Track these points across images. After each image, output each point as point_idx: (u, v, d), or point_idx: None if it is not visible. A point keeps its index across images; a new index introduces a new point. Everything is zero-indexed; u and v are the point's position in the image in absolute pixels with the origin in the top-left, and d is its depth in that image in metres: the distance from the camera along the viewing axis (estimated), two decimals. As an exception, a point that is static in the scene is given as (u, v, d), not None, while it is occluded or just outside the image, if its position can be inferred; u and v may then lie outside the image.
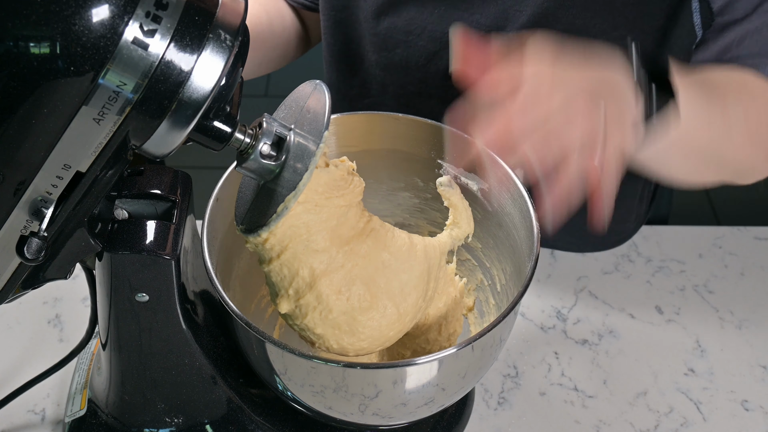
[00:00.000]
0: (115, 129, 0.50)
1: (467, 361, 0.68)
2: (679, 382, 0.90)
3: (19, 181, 0.51)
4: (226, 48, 0.50)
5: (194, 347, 0.72)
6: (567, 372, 0.91)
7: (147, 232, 0.66)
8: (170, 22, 0.48)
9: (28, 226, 0.54)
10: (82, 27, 0.45)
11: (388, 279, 0.68)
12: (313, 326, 0.66)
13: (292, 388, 0.70)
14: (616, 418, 0.87)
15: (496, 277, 0.81)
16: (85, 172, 0.52)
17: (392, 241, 0.70)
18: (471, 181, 0.78)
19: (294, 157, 0.59)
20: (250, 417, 0.78)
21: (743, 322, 0.97)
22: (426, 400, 0.70)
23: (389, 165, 0.83)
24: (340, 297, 0.65)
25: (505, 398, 0.89)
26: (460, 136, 0.77)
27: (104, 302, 0.69)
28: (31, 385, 0.78)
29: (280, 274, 0.65)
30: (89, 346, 0.86)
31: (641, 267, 1.03)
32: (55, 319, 0.95)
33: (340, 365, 0.64)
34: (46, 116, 0.48)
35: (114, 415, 0.78)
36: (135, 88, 0.48)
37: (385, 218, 0.87)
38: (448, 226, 0.79)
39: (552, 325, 0.96)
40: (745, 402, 0.89)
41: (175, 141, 0.52)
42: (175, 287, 0.67)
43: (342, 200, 0.65)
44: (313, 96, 0.62)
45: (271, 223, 0.60)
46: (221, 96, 0.53)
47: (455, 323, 0.82)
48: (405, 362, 0.65)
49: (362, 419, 0.71)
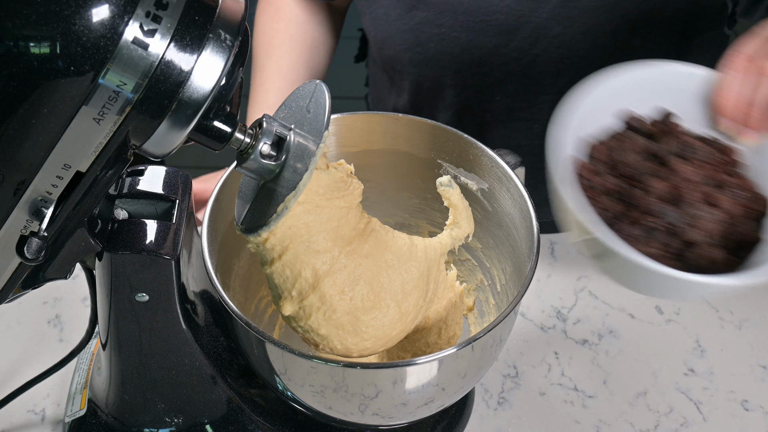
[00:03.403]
0: (115, 129, 0.50)
1: (467, 361, 0.68)
2: (679, 382, 0.90)
3: (19, 181, 0.51)
4: (226, 48, 0.50)
5: (194, 347, 0.72)
6: (567, 372, 0.91)
7: (147, 232, 0.66)
8: (170, 21, 0.48)
9: (28, 226, 0.54)
10: (82, 27, 0.45)
11: (391, 279, 0.68)
12: (317, 327, 0.66)
13: (292, 388, 0.70)
14: (616, 418, 0.87)
15: (496, 277, 0.81)
16: (85, 172, 0.52)
17: (393, 241, 0.70)
18: (471, 181, 0.78)
19: (294, 157, 0.59)
20: (250, 417, 0.78)
21: (743, 322, 0.97)
22: (426, 400, 0.70)
23: (389, 165, 0.83)
24: (343, 297, 0.65)
25: (505, 398, 0.89)
26: (460, 136, 0.77)
27: (104, 302, 0.69)
28: (31, 385, 0.78)
29: (283, 275, 0.65)
30: (89, 346, 0.86)
31: (641, 267, 1.03)
32: (55, 319, 0.95)
33: (340, 365, 0.64)
34: (46, 116, 0.48)
35: (114, 415, 0.78)
36: (135, 87, 0.48)
37: (385, 218, 0.87)
38: (448, 226, 0.79)
39: (552, 325, 0.96)
40: (745, 402, 0.89)
41: (175, 141, 0.52)
42: (175, 287, 0.67)
43: (342, 201, 0.65)
44: (313, 96, 0.62)
45: (271, 222, 0.60)
46: (221, 96, 0.53)
47: (455, 326, 0.82)
48: (405, 362, 0.65)
49: (362, 419, 0.71)
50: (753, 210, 0.63)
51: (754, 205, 0.63)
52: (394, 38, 1.02)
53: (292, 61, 1.09)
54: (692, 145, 0.65)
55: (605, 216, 0.62)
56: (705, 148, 0.65)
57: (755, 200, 0.64)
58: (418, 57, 1.02)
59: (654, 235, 0.60)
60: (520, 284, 0.70)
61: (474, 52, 0.99)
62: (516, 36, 0.96)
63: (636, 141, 0.66)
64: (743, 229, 0.62)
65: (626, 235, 0.60)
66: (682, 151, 0.65)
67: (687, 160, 0.64)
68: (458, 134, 0.77)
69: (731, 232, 0.61)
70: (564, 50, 0.98)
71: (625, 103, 0.68)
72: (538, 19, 0.94)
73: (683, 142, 0.65)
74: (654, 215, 0.61)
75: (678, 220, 0.60)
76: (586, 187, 0.63)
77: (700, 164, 0.64)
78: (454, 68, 1.01)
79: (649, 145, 0.65)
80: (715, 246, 0.61)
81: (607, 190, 0.63)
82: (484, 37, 0.97)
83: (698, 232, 0.60)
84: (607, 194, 0.63)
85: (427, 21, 0.98)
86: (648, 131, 0.67)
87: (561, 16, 0.94)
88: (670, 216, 0.60)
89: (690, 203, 0.61)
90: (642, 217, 0.61)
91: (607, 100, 0.67)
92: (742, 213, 0.63)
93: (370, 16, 1.04)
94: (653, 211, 0.61)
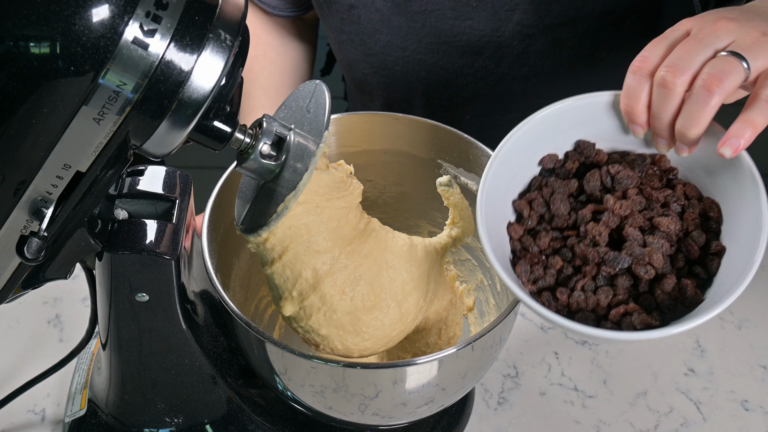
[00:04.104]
0: (115, 129, 0.50)
1: (467, 361, 0.68)
2: (679, 382, 0.90)
3: (19, 181, 0.51)
4: (226, 48, 0.50)
5: (194, 347, 0.72)
6: (567, 372, 0.91)
7: (147, 232, 0.66)
8: (170, 21, 0.48)
9: (28, 226, 0.54)
10: (82, 27, 0.45)
11: (391, 279, 0.68)
12: (318, 327, 0.66)
13: (292, 388, 0.70)
14: (616, 418, 0.87)
15: (496, 277, 0.81)
16: (85, 172, 0.52)
17: (393, 241, 0.70)
18: (471, 181, 0.78)
19: (294, 157, 0.59)
20: (250, 417, 0.78)
21: (743, 322, 0.97)
22: (426, 400, 0.70)
23: (389, 165, 0.83)
24: (344, 297, 0.65)
25: (505, 398, 0.89)
26: (460, 136, 0.77)
27: (104, 302, 0.69)
28: (31, 385, 0.78)
29: (283, 275, 0.65)
30: (89, 346, 0.86)
31: (641, 267, 1.03)
32: (55, 319, 0.95)
33: (340, 365, 0.64)
34: (46, 116, 0.48)
35: (114, 415, 0.78)
36: (135, 87, 0.48)
37: (385, 218, 0.87)
38: (448, 226, 0.79)
39: (552, 325, 0.96)
40: (745, 402, 0.89)
41: (175, 141, 0.52)
42: (175, 287, 0.67)
43: (342, 201, 0.65)
44: (313, 96, 0.62)
45: (271, 222, 0.60)
46: (221, 96, 0.53)
47: (455, 327, 0.82)
48: (405, 362, 0.65)
49: (362, 419, 0.71)
50: (707, 217, 0.62)
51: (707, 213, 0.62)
52: (360, 62, 1.03)
53: (276, 84, 1.09)
54: (617, 174, 0.62)
55: (560, 277, 0.62)
56: (630, 174, 0.62)
57: (705, 206, 0.62)
58: (385, 80, 1.02)
59: (618, 283, 0.60)
60: (520, 284, 0.70)
61: (440, 74, 0.99)
62: (480, 56, 0.96)
63: (563, 186, 0.64)
64: (700, 241, 0.60)
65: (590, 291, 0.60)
66: (614, 184, 0.63)
67: (617, 192, 0.63)
68: (458, 134, 0.77)
69: (689, 250, 0.60)
70: (529, 68, 0.97)
71: (544, 148, 0.65)
72: (501, 38, 0.94)
73: (609, 173, 0.63)
74: (608, 265, 0.60)
75: (633, 262, 0.59)
76: (530, 255, 0.62)
77: (634, 191, 0.62)
78: (422, 89, 1.01)
79: (578, 185, 0.64)
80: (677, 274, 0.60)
81: (554, 249, 0.63)
82: (449, 59, 0.97)
83: (657, 267, 0.59)
84: (556, 252, 0.63)
85: (391, 44, 0.98)
86: (568, 170, 0.65)
87: (522, 34, 0.94)
88: (623, 261, 0.59)
89: (634, 240, 0.60)
90: (599, 270, 0.60)
91: (523, 150, 0.64)
92: (694, 225, 0.61)
93: (336, 41, 1.04)
94: (607, 261, 0.60)
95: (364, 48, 1.00)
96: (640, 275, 0.59)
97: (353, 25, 0.98)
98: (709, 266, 0.60)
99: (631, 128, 0.63)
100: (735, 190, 0.60)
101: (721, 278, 0.59)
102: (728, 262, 0.60)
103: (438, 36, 0.95)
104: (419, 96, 1.02)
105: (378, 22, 0.96)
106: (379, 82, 1.03)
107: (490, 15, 0.92)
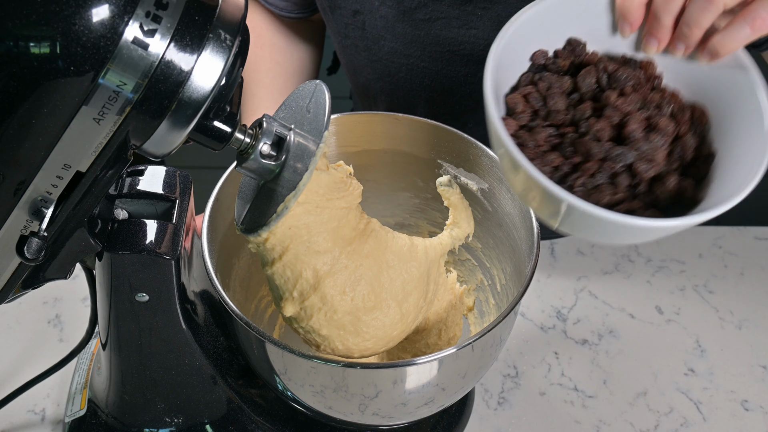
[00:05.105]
0: (115, 129, 0.50)
1: (467, 361, 0.68)
2: (679, 382, 0.90)
3: (19, 181, 0.51)
4: (226, 48, 0.50)
5: (194, 347, 0.72)
6: (567, 372, 0.91)
7: (147, 232, 0.66)
8: (170, 21, 0.48)
9: (28, 225, 0.54)
10: (82, 27, 0.45)
11: (392, 279, 0.68)
12: (319, 327, 0.66)
13: (292, 388, 0.70)
14: (616, 418, 0.87)
15: (496, 277, 0.81)
16: (85, 172, 0.52)
17: (393, 241, 0.70)
18: (471, 181, 0.78)
19: (294, 157, 0.59)
20: (250, 417, 0.78)
21: (743, 322, 0.97)
22: (426, 400, 0.70)
23: (389, 165, 0.83)
24: (344, 297, 0.65)
25: (505, 398, 0.89)
26: (460, 136, 0.77)
27: (104, 302, 0.69)
28: (31, 385, 0.78)
29: (284, 276, 0.65)
30: (89, 346, 0.86)
31: (641, 267, 1.03)
32: (55, 319, 0.95)
33: (340, 365, 0.64)
34: (46, 116, 0.48)
35: (114, 415, 0.78)
36: (135, 87, 0.48)
37: (385, 218, 0.87)
38: (448, 226, 0.80)
39: (552, 325, 0.96)
40: (745, 402, 0.89)
41: (175, 141, 0.52)
42: (175, 287, 0.67)
43: (342, 202, 0.65)
44: (313, 96, 0.62)
45: (271, 222, 0.60)
46: (221, 96, 0.53)
47: (455, 327, 0.82)
48: (405, 362, 0.65)
49: (362, 419, 0.71)
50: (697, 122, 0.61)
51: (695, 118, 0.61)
52: (364, 68, 1.02)
53: (281, 86, 1.09)
54: (615, 72, 0.60)
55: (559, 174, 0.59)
56: (626, 71, 0.60)
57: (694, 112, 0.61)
58: (389, 86, 1.02)
59: (618, 181, 0.58)
60: (520, 284, 0.70)
61: (444, 81, 0.98)
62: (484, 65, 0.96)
63: (558, 82, 0.61)
64: (692, 144, 0.59)
65: (590, 189, 0.58)
66: (610, 82, 0.61)
67: (616, 90, 0.61)
68: (458, 134, 0.77)
69: (683, 154, 0.59)
70: None
71: (535, 44, 0.62)
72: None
73: (605, 71, 0.61)
74: (612, 161, 0.57)
75: (637, 158, 0.57)
76: (527, 149, 0.59)
77: (631, 89, 0.60)
78: (426, 96, 1.01)
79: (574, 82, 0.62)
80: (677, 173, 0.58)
81: (551, 145, 0.60)
82: (453, 67, 0.97)
83: (658, 165, 0.58)
84: (553, 149, 0.60)
85: (395, 51, 0.98)
86: (560, 68, 0.63)
87: None
88: (628, 156, 0.57)
89: (638, 137, 0.58)
90: (601, 166, 0.58)
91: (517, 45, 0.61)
92: (686, 128, 0.60)
93: (340, 45, 1.04)
94: (612, 156, 0.57)
95: (369, 54, 1.00)
96: (640, 172, 0.58)
97: (358, 31, 0.98)
98: (702, 169, 0.59)
99: (619, 25, 0.61)
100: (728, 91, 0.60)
101: (717, 182, 0.59)
102: (722, 165, 0.59)
103: (442, 44, 0.95)
104: (423, 103, 1.02)
105: (383, 29, 0.96)
106: (382, 87, 1.03)
107: (495, 24, 0.92)
